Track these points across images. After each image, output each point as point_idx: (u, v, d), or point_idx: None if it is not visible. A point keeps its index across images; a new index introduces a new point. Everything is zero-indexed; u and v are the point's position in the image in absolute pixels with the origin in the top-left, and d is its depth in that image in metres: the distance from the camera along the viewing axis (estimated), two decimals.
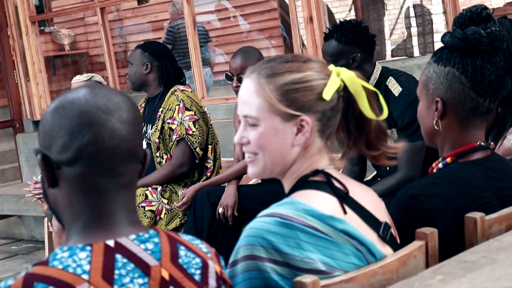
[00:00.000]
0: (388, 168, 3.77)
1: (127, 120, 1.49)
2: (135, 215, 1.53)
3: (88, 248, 1.43)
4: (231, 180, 4.23)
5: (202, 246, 1.57)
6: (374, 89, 1.82)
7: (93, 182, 1.47)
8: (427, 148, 3.68)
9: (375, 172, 4.05)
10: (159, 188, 4.46)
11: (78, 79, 5.25)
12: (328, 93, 1.74)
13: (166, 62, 4.59)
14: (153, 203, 4.42)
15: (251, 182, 4.68)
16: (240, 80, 4.27)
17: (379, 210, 1.83)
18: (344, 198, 1.75)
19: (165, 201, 4.44)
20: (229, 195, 4.15)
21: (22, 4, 7.49)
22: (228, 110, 6.23)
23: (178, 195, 4.46)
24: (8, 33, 7.75)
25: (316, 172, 1.78)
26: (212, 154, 4.61)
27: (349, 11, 11.01)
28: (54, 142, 1.47)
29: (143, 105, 4.77)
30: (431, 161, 3.64)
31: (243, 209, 4.17)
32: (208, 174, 4.58)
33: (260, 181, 4.58)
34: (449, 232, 1.94)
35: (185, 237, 1.57)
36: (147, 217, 4.40)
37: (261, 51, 11.01)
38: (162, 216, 4.41)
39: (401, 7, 12.34)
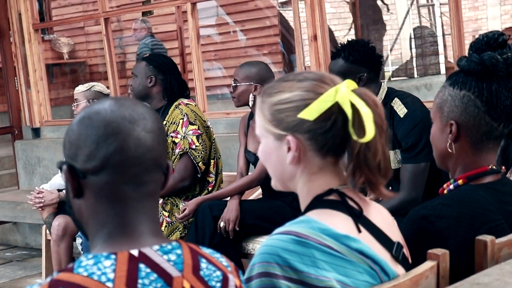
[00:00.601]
0: (390, 187, 3.79)
1: (151, 130, 1.52)
2: (157, 226, 1.55)
3: (113, 256, 1.44)
4: (234, 195, 4.25)
5: (223, 260, 1.59)
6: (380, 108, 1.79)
7: (119, 191, 1.49)
8: (429, 170, 3.72)
9: None
10: (160, 201, 4.47)
11: (78, 89, 5.29)
12: (308, 114, 1.73)
13: (170, 75, 4.61)
14: None
15: (252, 197, 4.71)
16: (233, 87, 4.32)
17: (392, 229, 1.85)
18: (358, 217, 1.77)
19: (166, 213, 4.45)
20: (231, 209, 4.17)
21: (26, 12, 7.52)
22: (229, 124, 6.25)
23: (179, 208, 4.47)
24: (11, 39, 7.77)
25: (331, 191, 1.79)
26: (214, 168, 4.63)
27: (349, 30, 11.07)
28: (80, 152, 1.49)
29: None
30: (434, 183, 3.71)
31: (244, 224, 4.19)
32: (210, 188, 4.59)
33: (261, 196, 4.61)
34: (459, 253, 1.96)
35: (206, 250, 1.59)
36: None
37: None
38: (162, 228, 4.42)
39: (400, 29, 12.42)
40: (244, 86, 4.28)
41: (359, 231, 1.75)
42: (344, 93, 1.72)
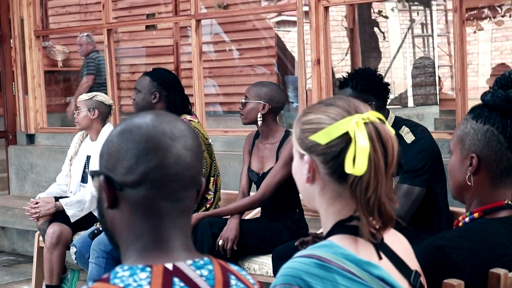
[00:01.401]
0: None
1: (191, 147, 1.54)
2: (190, 241, 1.57)
3: (148, 269, 1.46)
4: (234, 214, 4.27)
5: (249, 278, 1.62)
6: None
7: (155, 206, 1.51)
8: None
9: None
10: None
11: (81, 98, 5.32)
12: (319, 137, 1.77)
13: (174, 92, 4.62)
14: None
15: (249, 216, 4.72)
16: (242, 104, 4.34)
17: (410, 257, 1.88)
18: (379, 244, 1.80)
19: None
20: (231, 228, 4.19)
21: (28, 18, 7.53)
22: (226, 142, 6.28)
23: None
24: (11, 45, 7.77)
25: (352, 218, 1.81)
26: (214, 186, 4.65)
27: (345, 55, 11.14)
28: (120, 164, 1.51)
29: None
30: (427, 213, 3.75)
31: (243, 243, 4.21)
32: (208, 205, 4.61)
33: (259, 215, 4.63)
34: (472, 286, 1.99)
35: (234, 267, 1.61)
36: None
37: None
38: None
39: (394, 58, 12.51)
40: (253, 103, 4.30)
41: (380, 258, 1.77)
42: (353, 123, 1.74)
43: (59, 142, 7.49)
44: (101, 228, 4.65)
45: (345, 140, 1.75)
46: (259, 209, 4.61)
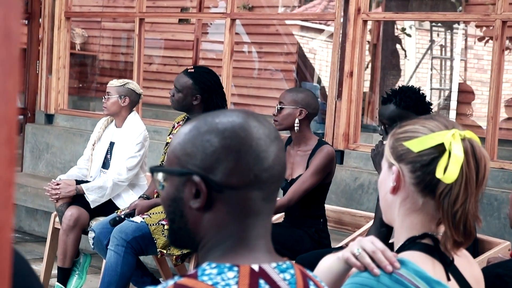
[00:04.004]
0: None
1: (283, 149, 1.55)
2: (271, 242, 1.56)
3: (235, 268, 1.45)
4: None
5: (324, 284, 1.61)
6: None
7: (254, 206, 1.49)
8: None
9: None
10: None
11: (112, 83, 5.31)
12: (413, 144, 1.79)
13: (215, 95, 4.64)
14: None
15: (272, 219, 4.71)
16: (278, 110, 4.34)
17: (478, 284, 1.88)
18: (448, 265, 1.80)
19: None
20: None
21: None
22: None
23: None
24: (40, 23, 7.77)
25: (425, 235, 1.82)
26: None
27: (365, 69, 11.13)
28: (221, 165, 1.47)
29: (180, 123, 4.82)
30: None
31: None
32: None
33: (281, 220, 4.62)
34: None
35: (310, 273, 1.61)
36: (165, 236, 4.42)
37: (270, 92, 11.06)
38: None
39: (411, 77, 12.51)
40: (290, 109, 4.30)
41: (449, 279, 1.78)
42: (450, 135, 1.77)
43: (78, 125, 7.49)
44: (123, 216, 4.65)
45: (438, 150, 1.77)
46: (282, 214, 4.60)
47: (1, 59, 0.62)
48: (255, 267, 1.47)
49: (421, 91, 3.90)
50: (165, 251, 4.46)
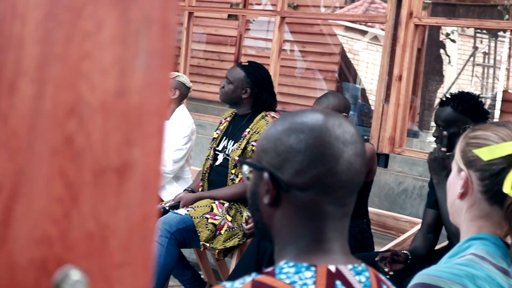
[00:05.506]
0: None
1: (361, 153, 1.52)
2: (347, 245, 1.56)
3: (313, 268, 1.45)
4: None
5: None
6: None
7: (321, 209, 1.49)
8: None
9: (446, 242, 4.07)
10: (226, 204, 4.49)
11: None
12: (483, 153, 1.78)
13: (266, 92, 4.64)
14: (217, 217, 4.45)
15: None
16: None
17: None
18: (505, 273, 1.80)
19: (229, 218, 4.47)
20: None
21: None
22: None
23: (242, 216, 4.49)
24: None
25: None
26: None
27: None
28: (289, 165, 1.48)
29: (228, 119, 4.82)
30: None
31: None
32: None
33: None
34: None
35: (383, 277, 1.60)
36: (208, 229, 4.43)
37: (311, 91, 11.03)
38: (222, 232, 4.44)
39: (452, 83, 12.43)
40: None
41: None
42: None
43: None
44: (167, 208, 4.66)
45: (508, 161, 1.76)
46: None
47: (159, 50, 0.63)
48: (332, 268, 1.47)
49: (479, 99, 3.88)
50: (208, 245, 4.47)
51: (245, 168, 1.57)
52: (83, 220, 0.60)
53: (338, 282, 1.46)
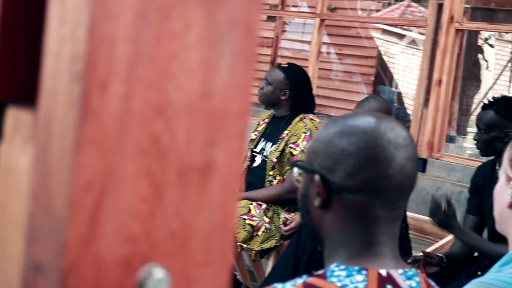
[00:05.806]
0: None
1: (413, 157, 1.52)
2: (397, 249, 1.56)
3: (364, 272, 1.45)
4: None
5: None
6: None
7: (372, 212, 1.49)
8: None
9: None
10: (264, 206, 4.49)
11: None
12: None
13: (305, 94, 4.63)
14: (254, 218, 4.45)
15: None
16: None
17: None
18: None
19: (267, 219, 4.47)
20: None
21: None
22: None
23: (279, 218, 4.49)
24: None
25: None
26: None
27: None
28: (340, 167, 1.48)
29: (266, 120, 4.82)
30: None
31: None
32: None
33: None
34: None
35: (432, 282, 1.59)
36: (246, 230, 4.43)
37: (348, 94, 10.99)
38: (259, 233, 4.45)
39: (490, 89, 12.33)
40: None
41: None
42: None
43: None
44: None
45: None
46: None
47: (242, 52, 0.63)
48: (383, 272, 1.47)
49: None
50: (245, 246, 4.48)
51: (295, 170, 1.58)
52: (166, 219, 0.61)
53: (389, 287, 1.45)
